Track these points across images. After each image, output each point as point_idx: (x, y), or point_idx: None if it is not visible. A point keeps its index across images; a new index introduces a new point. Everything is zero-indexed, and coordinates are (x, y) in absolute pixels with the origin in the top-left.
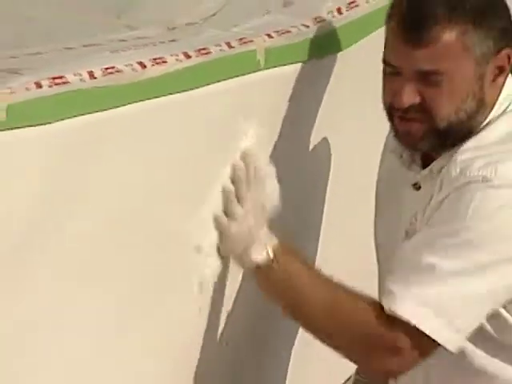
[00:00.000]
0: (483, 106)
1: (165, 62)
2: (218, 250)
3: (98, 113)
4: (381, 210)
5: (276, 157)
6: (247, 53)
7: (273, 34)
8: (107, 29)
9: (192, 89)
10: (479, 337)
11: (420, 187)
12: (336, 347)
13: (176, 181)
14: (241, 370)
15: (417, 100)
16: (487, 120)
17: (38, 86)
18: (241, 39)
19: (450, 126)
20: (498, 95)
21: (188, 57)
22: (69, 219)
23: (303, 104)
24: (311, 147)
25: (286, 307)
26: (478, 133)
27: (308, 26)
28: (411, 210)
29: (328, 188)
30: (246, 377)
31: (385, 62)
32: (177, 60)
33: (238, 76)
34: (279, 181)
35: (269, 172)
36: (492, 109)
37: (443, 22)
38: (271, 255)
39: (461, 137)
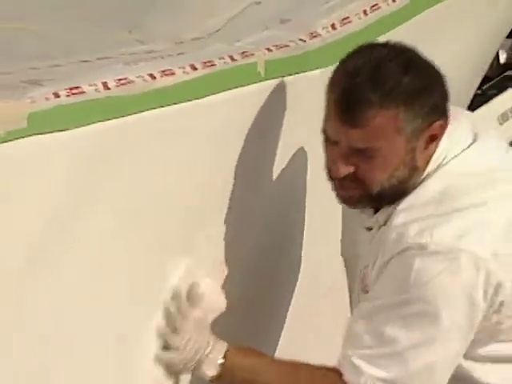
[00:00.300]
0: (416, 170)
1: (173, 73)
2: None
3: (111, 120)
4: (344, 231)
5: (273, 158)
6: (249, 65)
7: (272, 48)
8: (120, 43)
9: (198, 98)
10: None
11: (371, 229)
12: None
13: (184, 181)
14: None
15: (351, 170)
16: (422, 177)
17: (57, 95)
18: (243, 53)
19: (383, 190)
20: (432, 156)
21: (194, 69)
22: (86, 217)
23: (298, 112)
24: (306, 150)
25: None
26: (412, 191)
27: (304, 41)
28: (364, 251)
29: (311, 192)
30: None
31: (324, 132)
32: (184, 72)
33: (240, 86)
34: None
35: (207, 284)
36: (425, 169)
37: (375, 107)
38: (222, 366)
39: (396, 198)
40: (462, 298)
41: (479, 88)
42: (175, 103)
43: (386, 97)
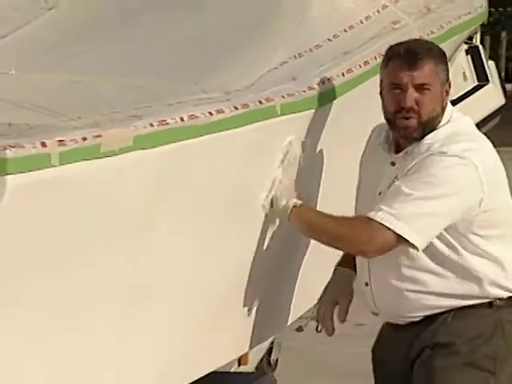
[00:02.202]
0: (442, 110)
1: (223, 111)
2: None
3: (184, 141)
4: (363, 180)
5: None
6: (270, 106)
7: (285, 96)
8: (190, 92)
9: (238, 127)
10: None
11: (395, 164)
12: (342, 241)
13: (234, 184)
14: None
15: (414, 102)
16: (441, 124)
17: (151, 125)
18: (267, 98)
19: (428, 119)
20: (445, 107)
21: (236, 109)
22: (169, 210)
23: (302, 135)
24: (317, 160)
25: (315, 226)
26: (434, 130)
27: (313, 88)
28: (388, 178)
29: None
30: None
31: (391, 84)
32: (231, 111)
33: (264, 120)
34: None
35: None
36: (443, 116)
37: (425, 59)
38: (299, 205)
39: (430, 130)
40: (468, 184)
41: None
42: (224, 130)
43: (429, 54)
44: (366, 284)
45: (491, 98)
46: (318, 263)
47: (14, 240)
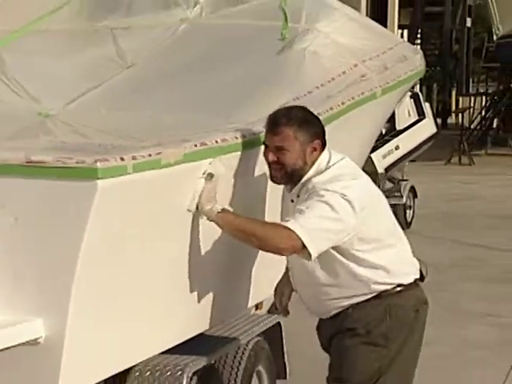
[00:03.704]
0: (305, 164)
1: (245, 136)
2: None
3: (222, 155)
4: (282, 208)
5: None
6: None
7: None
8: (221, 123)
9: (253, 148)
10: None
11: (293, 201)
12: (263, 245)
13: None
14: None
15: (275, 158)
16: (317, 171)
17: (195, 145)
18: None
19: (292, 170)
20: (316, 159)
21: (254, 135)
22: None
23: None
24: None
25: (238, 229)
26: (314, 177)
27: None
28: (290, 210)
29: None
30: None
31: (264, 143)
32: (249, 136)
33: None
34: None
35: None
36: (312, 166)
37: (284, 126)
38: (223, 210)
39: (298, 177)
40: (351, 215)
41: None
42: (245, 149)
43: (288, 121)
44: (291, 277)
45: (427, 128)
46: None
47: (104, 224)
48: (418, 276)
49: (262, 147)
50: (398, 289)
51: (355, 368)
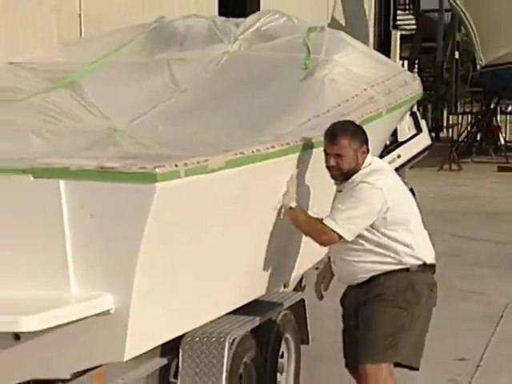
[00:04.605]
0: (358, 164)
1: (274, 147)
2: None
3: (255, 164)
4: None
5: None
6: (305, 143)
7: (311, 137)
8: (257, 137)
9: (282, 156)
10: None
11: (341, 191)
12: (312, 238)
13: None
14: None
15: (334, 163)
16: (361, 167)
17: (236, 154)
18: (301, 139)
19: (348, 171)
20: (365, 159)
21: (287, 144)
22: (251, 210)
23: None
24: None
25: (298, 223)
26: (358, 171)
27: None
28: (337, 198)
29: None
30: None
31: (324, 151)
32: (279, 146)
33: (298, 152)
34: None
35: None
36: (362, 164)
37: (341, 137)
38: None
39: (351, 175)
40: (377, 201)
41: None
42: (278, 157)
43: (344, 133)
44: (332, 261)
45: (423, 140)
46: None
47: (161, 218)
48: (434, 262)
49: (290, 156)
50: (421, 268)
51: (384, 323)
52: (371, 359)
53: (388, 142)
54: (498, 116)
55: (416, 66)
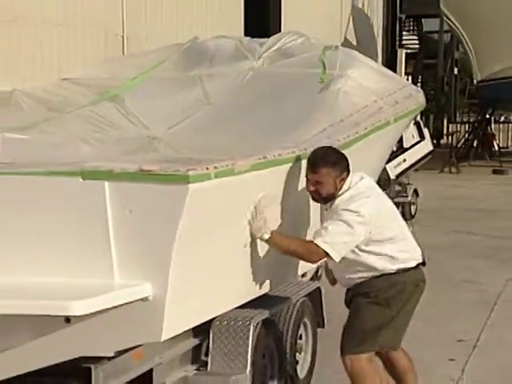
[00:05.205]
0: (336, 189)
1: (294, 152)
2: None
3: (273, 167)
4: (321, 213)
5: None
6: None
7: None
8: (276, 145)
9: (300, 161)
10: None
11: (326, 209)
12: (301, 258)
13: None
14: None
15: (314, 189)
16: (341, 191)
17: (259, 158)
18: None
19: (326, 195)
20: (343, 185)
21: (292, 152)
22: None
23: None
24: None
25: (282, 248)
26: (339, 196)
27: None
28: (324, 214)
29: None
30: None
31: (306, 176)
32: (289, 153)
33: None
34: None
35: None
36: (341, 190)
37: (320, 166)
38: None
39: (331, 199)
40: (361, 226)
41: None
42: (285, 164)
43: (324, 163)
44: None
45: (426, 146)
46: None
47: (193, 215)
48: (420, 261)
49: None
50: (402, 271)
51: (365, 318)
52: (351, 351)
53: (395, 148)
54: (493, 125)
55: (419, 80)
